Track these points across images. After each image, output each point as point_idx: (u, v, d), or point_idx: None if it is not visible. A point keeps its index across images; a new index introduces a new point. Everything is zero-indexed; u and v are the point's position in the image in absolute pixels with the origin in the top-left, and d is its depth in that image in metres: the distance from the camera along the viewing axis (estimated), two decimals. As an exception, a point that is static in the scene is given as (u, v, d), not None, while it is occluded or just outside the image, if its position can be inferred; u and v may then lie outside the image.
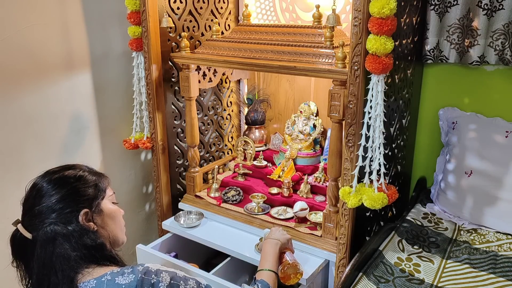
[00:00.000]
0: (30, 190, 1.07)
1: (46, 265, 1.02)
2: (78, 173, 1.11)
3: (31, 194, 1.07)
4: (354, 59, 1.32)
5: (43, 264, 1.02)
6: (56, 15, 1.80)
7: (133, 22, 1.84)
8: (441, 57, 1.78)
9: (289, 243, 1.54)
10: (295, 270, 1.44)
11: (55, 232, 1.02)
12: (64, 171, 1.11)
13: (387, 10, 1.21)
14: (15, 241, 1.06)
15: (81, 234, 1.05)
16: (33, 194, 1.06)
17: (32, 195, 1.06)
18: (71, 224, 1.04)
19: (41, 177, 1.09)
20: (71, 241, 1.03)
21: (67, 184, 1.07)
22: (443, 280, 1.38)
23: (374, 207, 1.35)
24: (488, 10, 1.64)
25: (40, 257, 1.02)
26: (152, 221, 2.42)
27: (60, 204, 1.04)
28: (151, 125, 1.97)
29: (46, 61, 1.80)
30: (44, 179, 1.08)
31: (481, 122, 1.75)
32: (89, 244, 1.05)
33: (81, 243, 1.04)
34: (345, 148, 1.43)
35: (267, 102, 2.27)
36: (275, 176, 1.99)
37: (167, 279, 1.05)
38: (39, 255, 1.02)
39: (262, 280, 1.32)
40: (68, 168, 1.13)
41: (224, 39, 1.84)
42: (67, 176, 1.09)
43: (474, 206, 1.68)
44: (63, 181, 1.07)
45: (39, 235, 1.02)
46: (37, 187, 1.06)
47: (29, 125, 1.78)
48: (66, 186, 1.07)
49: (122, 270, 1.03)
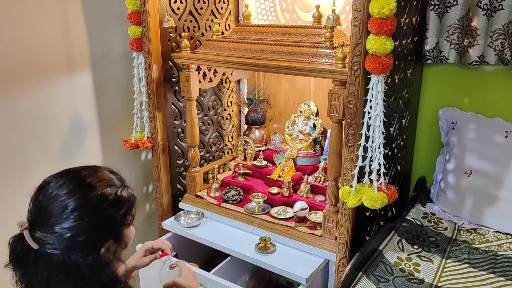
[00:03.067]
0: (56, 199, 0.92)
1: (52, 287, 0.94)
2: (116, 193, 0.98)
3: (55, 205, 0.92)
4: (354, 59, 1.33)
5: (49, 285, 0.93)
6: (57, 15, 1.81)
7: (133, 22, 1.85)
8: (441, 57, 1.79)
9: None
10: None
11: (72, 260, 0.92)
12: (100, 188, 0.96)
13: (387, 10, 1.21)
14: (17, 247, 0.95)
15: (99, 269, 0.95)
16: (57, 207, 0.91)
17: (57, 209, 0.91)
18: (91, 255, 0.94)
19: (73, 187, 0.93)
20: (87, 275, 0.93)
21: (101, 212, 0.95)
22: (443, 280, 1.38)
23: (374, 206, 1.36)
24: (487, 10, 1.64)
25: (47, 278, 0.93)
26: (153, 221, 2.42)
27: (88, 234, 0.92)
28: (151, 125, 1.97)
29: (47, 61, 1.80)
30: (78, 193, 0.92)
31: (480, 122, 1.75)
32: (103, 280, 0.96)
33: (96, 279, 0.95)
34: (345, 148, 1.44)
35: (267, 102, 2.27)
36: (275, 176, 1.99)
37: None
38: (46, 275, 0.93)
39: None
40: (104, 181, 0.98)
41: (224, 39, 1.84)
42: (104, 198, 0.95)
43: (474, 206, 1.69)
44: (98, 207, 0.94)
45: (53, 256, 0.92)
46: (65, 203, 0.91)
47: (30, 125, 1.79)
48: (100, 215, 0.94)
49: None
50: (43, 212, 0.93)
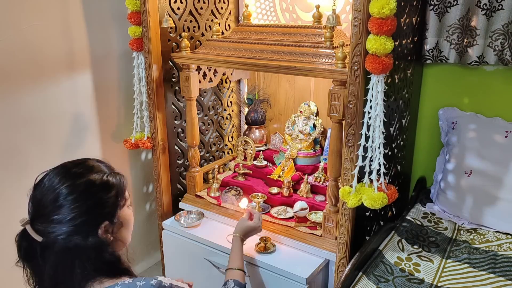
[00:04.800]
0: (47, 192, 0.99)
1: (63, 272, 0.99)
2: (102, 178, 1.04)
3: (48, 197, 0.99)
4: (354, 59, 1.33)
5: (60, 271, 0.99)
6: (57, 15, 1.81)
7: (133, 22, 1.85)
8: (441, 57, 1.79)
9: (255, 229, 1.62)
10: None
11: (74, 243, 0.98)
12: (86, 175, 1.02)
13: (387, 10, 1.21)
14: (22, 242, 1.01)
15: (101, 249, 1.01)
16: (50, 198, 0.98)
17: (50, 200, 0.98)
18: (90, 237, 0.99)
19: (61, 178, 1.00)
20: (90, 255, 0.99)
21: (91, 195, 1.01)
22: (443, 280, 1.38)
23: (374, 206, 1.36)
24: (487, 10, 1.64)
25: (57, 265, 0.99)
26: (153, 221, 2.43)
27: (83, 217, 0.98)
28: (151, 125, 1.97)
29: (47, 61, 1.80)
30: (66, 182, 0.99)
31: (480, 122, 1.75)
32: (107, 259, 1.02)
33: (100, 258, 1.01)
34: (345, 148, 1.44)
35: (267, 102, 2.27)
36: (275, 176, 1.99)
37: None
38: (54, 261, 0.99)
39: (236, 280, 1.38)
40: (90, 169, 1.04)
41: (224, 39, 1.84)
42: (92, 183, 1.01)
43: (474, 206, 1.69)
44: (88, 191, 1.00)
45: (56, 244, 0.98)
46: (57, 192, 0.98)
47: (30, 125, 1.79)
48: (90, 198, 1.00)
49: (134, 282, 1.00)
50: (40, 205, 1.00)
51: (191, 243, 1.86)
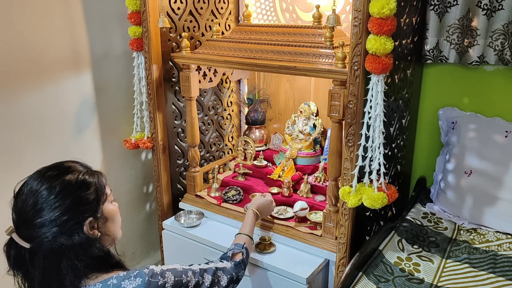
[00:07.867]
0: (26, 198, 1.00)
1: (50, 276, 0.99)
2: (78, 177, 1.04)
3: (27, 203, 1.00)
4: (354, 59, 1.33)
5: (48, 275, 0.99)
6: (57, 15, 1.81)
7: (133, 22, 1.85)
8: (441, 57, 1.79)
9: (269, 209, 1.73)
10: None
11: (60, 244, 0.99)
12: (62, 176, 1.03)
13: (387, 10, 1.21)
14: (11, 250, 1.02)
15: (88, 245, 1.02)
16: (30, 203, 0.99)
17: (30, 205, 0.99)
18: (76, 235, 1.01)
19: (38, 182, 1.02)
20: (78, 252, 1.00)
21: (69, 194, 1.01)
22: (443, 280, 1.38)
23: (374, 206, 1.36)
24: (487, 10, 1.64)
25: (45, 268, 0.99)
26: (153, 221, 2.42)
27: (64, 216, 0.99)
28: (151, 125, 1.97)
29: (47, 61, 1.80)
30: (42, 186, 1.01)
31: (480, 122, 1.75)
32: (97, 254, 1.04)
33: (89, 254, 1.02)
34: (345, 148, 1.44)
35: (267, 102, 2.27)
36: (275, 176, 1.99)
37: (171, 278, 1.07)
38: (42, 265, 0.99)
39: (237, 243, 1.46)
40: (65, 170, 1.05)
41: (225, 39, 1.84)
42: (68, 182, 1.02)
43: (474, 206, 1.69)
44: (65, 191, 1.01)
45: (42, 247, 0.99)
46: (36, 196, 1.00)
47: (30, 125, 1.79)
48: (69, 197, 1.01)
49: (128, 274, 1.03)
50: (22, 212, 1.01)
51: (191, 243, 1.86)
